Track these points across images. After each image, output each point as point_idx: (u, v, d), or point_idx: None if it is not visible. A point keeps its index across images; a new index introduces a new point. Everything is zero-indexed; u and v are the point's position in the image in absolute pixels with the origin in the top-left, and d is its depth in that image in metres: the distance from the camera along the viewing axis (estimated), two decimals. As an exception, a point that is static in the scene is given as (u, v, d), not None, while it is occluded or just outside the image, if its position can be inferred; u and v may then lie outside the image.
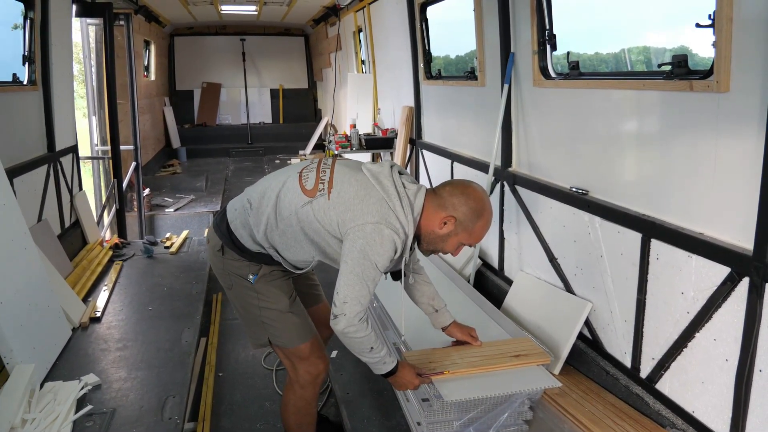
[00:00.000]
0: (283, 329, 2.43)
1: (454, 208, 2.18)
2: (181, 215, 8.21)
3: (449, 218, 2.18)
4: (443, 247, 2.26)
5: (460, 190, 2.21)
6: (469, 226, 2.19)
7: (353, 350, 2.22)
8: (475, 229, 2.21)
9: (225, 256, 2.40)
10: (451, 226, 2.19)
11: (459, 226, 2.19)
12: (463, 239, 2.23)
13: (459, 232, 2.21)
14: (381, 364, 2.27)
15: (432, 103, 5.84)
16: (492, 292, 4.28)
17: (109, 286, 4.62)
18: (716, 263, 2.37)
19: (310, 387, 2.52)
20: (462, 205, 2.17)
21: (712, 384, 2.42)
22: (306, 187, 2.22)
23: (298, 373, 2.50)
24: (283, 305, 2.42)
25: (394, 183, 2.16)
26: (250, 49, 13.86)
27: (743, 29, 2.18)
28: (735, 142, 2.30)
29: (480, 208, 2.19)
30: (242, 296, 2.44)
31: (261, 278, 2.38)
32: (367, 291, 2.10)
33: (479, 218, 2.19)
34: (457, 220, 2.18)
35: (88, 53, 7.63)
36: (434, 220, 2.20)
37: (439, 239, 2.23)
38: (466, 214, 2.18)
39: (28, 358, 3.06)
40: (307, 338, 2.47)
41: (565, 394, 3.04)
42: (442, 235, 2.22)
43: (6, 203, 3.47)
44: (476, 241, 2.27)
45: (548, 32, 3.55)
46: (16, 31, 4.73)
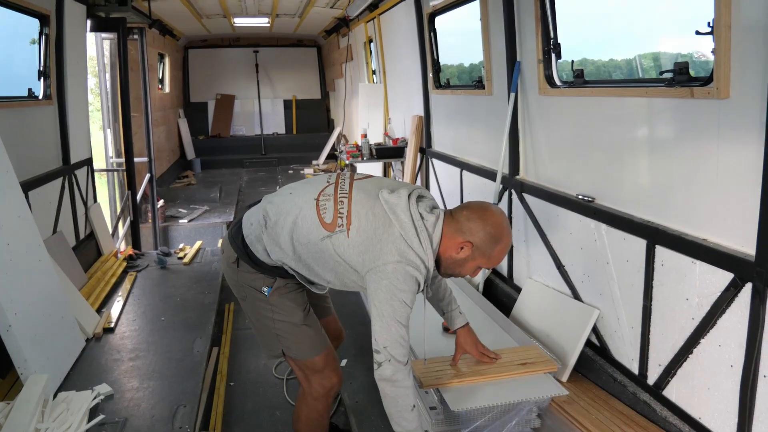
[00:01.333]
0: (297, 342, 2.43)
1: (471, 234, 2.14)
2: (194, 226, 8.28)
3: (466, 243, 2.15)
4: (461, 271, 2.24)
5: (478, 215, 2.17)
6: (486, 251, 2.16)
7: (395, 407, 2.16)
8: (493, 254, 2.17)
9: (240, 268, 2.40)
10: (468, 251, 2.16)
11: (476, 251, 2.16)
12: (480, 263, 2.20)
13: (476, 257, 2.18)
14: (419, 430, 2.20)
15: (441, 112, 5.88)
16: (501, 300, 4.28)
17: (123, 296, 4.68)
18: (720, 269, 2.37)
19: (323, 399, 2.52)
20: (479, 231, 2.14)
21: (718, 390, 2.42)
22: (325, 221, 2.18)
23: (312, 385, 2.49)
24: (298, 318, 2.41)
25: (411, 217, 2.12)
26: (263, 60, 14.00)
27: (742, 36, 2.19)
28: (736, 147, 2.31)
29: (498, 233, 2.16)
30: (256, 308, 2.44)
31: (275, 291, 2.38)
32: (404, 330, 2.09)
33: (497, 243, 2.16)
34: (474, 246, 2.15)
35: (103, 67, 7.76)
36: (451, 245, 2.16)
37: (457, 264, 2.21)
38: (484, 239, 2.14)
39: (41, 368, 3.11)
40: (321, 351, 2.46)
41: (572, 401, 3.04)
42: (460, 260, 2.19)
43: (21, 216, 3.55)
44: (494, 264, 2.24)
45: (553, 41, 3.57)
46: (30, 46, 4.83)
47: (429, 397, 2.76)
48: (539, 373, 2.83)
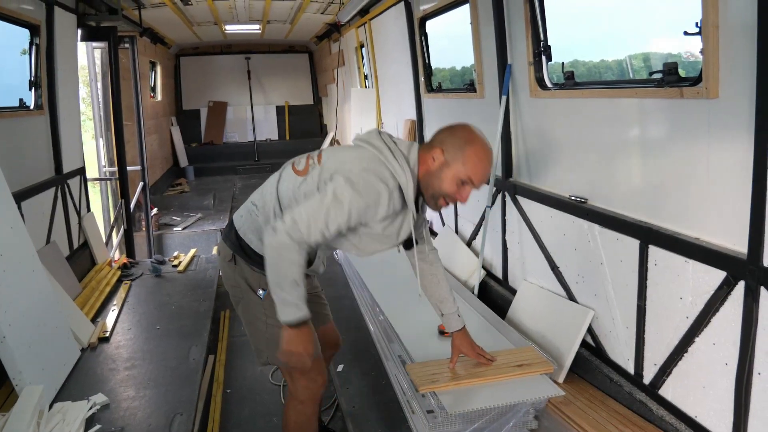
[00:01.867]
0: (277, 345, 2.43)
1: (441, 142, 2.15)
2: (188, 234, 8.27)
3: (437, 150, 2.13)
4: (442, 185, 2.14)
5: (446, 128, 2.20)
6: (459, 154, 2.10)
7: (276, 273, 2.08)
8: (466, 156, 2.10)
9: (237, 265, 2.40)
10: (441, 157, 2.12)
11: (448, 155, 2.11)
12: (458, 172, 2.11)
13: (451, 163, 2.11)
14: (285, 306, 2.12)
15: (433, 115, 5.89)
16: (497, 302, 4.29)
17: (118, 305, 4.66)
18: (712, 268, 2.39)
19: (309, 402, 2.52)
20: (448, 137, 2.15)
21: (713, 388, 2.43)
22: (298, 168, 2.25)
23: (297, 388, 2.49)
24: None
25: (384, 142, 2.15)
26: (255, 67, 13.99)
27: (730, 36, 2.21)
28: (726, 147, 2.33)
29: (468, 137, 2.14)
30: (250, 311, 2.44)
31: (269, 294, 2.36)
32: (322, 224, 2.03)
33: (469, 144, 2.12)
34: (445, 150, 2.12)
35: (95, 76, 7.75)
36: (427, 161, 2.15)
37: (435, 178, 2.14)
38: (453, 143, 2.12)
39: (37, 379, 3.09)
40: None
41: (569, 402, 3.05)
42: (435, 170, 2.13)
43: (14, 226, 3.53)
44: (475, 173, 2.12)
45: (543, 43, 3.59)
46: (21, 56, 4.82)
47: (426, 400, 2.76)
48: (535, 375, 2.83)
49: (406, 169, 2.12)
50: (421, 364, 2.91)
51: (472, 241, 4.94)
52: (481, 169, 2.13)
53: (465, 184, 2.13)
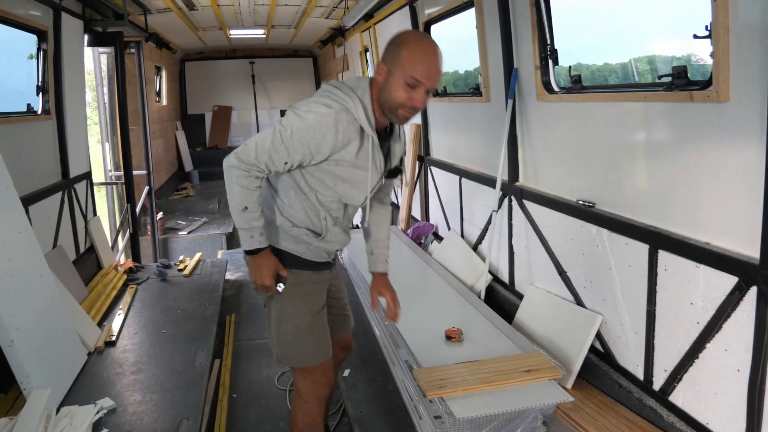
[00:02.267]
0: (296, 348, 2.41)
1: (382, 57, 2.18)
2: (194, 238, 8.29)
3: (380, 65, 2.15)
4: (392, 96, 2.12)
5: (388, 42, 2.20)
6: (396, 60, 2.09)
7: (230, 200, 2.18)
8: (403, 58, 2.08)
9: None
10: (383, 67, 2.13)
11: (389, 64, 2.12)
12: (401, 76, 2.08)
13: (393, 71, 2.10)
14: (248, 236, 2.20)
15: (439, 120, 5.89)
16: (503, 307, 4.27)
17: (124, 309, 4.66)
18: (724, 273, 2.37)
19: (314, 403, 2.50)
20: (387, 48, 2.16)
21: (725, 395, 2.41)
22: None
23: (303, 388, 2.49)
24: (305, 323, 2.39)
25: (331, 84, 2.20)
26: (259, 71, 14.03)
27: (740, 39, 2.20)
28: (737, 151, 2.31)
29: (402, 39, 2.14)
30: (270, 310, 2.43)
31: (290, 290, 2.35)
32: (270, 147, 2.09)
33: (404, 47, 2.10)
34: (387, 61, 2.13)
35: (101, 81, 7.78)
36: (377, 80, 2.17)
37: (386, 91, 2.13)
38: (390, 50, 2.14)
39: (44, 383, 3.09)
40: (320, 360, 2.45)
41: (578, 408, 3.03)
42: (384, 84, 2.14)
43: (22, 231, 3.53)
44: (416, 70, 2.07)
45: (549, 47, 3.59)
46: (28, 61, 4.84)
47: (434, 405, 2.75)
48: (544, 380, 2.83)
49: (352, 95, 2.14)
50: (428, 369, 2.90)
51: (478, 246, 4.92)
52: (420, 64, 2.09)
53: (414, 87, 2.09)
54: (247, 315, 5.08)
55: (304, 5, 8.00)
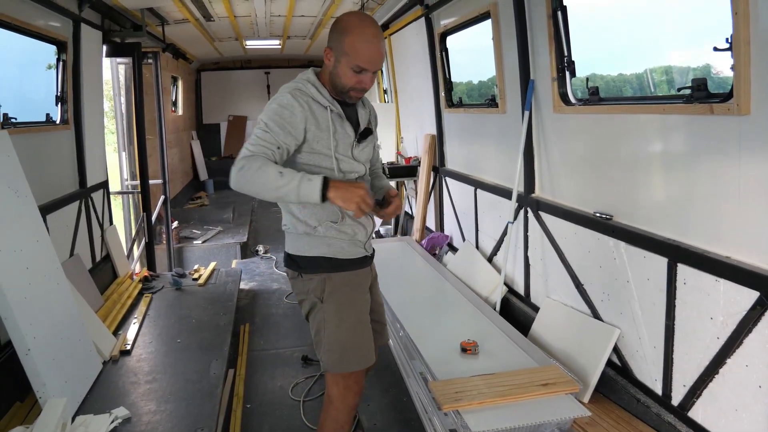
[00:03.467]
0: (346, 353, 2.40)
1: (328, 41, 2.27)
2: (208, 247, 8.32)
3: (326, 50, 2.27)
4: (341, 81, 2.27)
5: (331, 27, 2.28)
6: (341, 46, 2.22)
7: (266, 188, 2.10)
8: (347, 44, 2.20)
9: (303, 279, 2.42)
10: (330, 55, 2.26)
11: (335, 51, 2.24)
12: (348, 63, 2.22)
13: (339, 58, 2.23)
14: (306, 182, 2.08)
15: (454, 130, 5.88)
16: (519, 319, 4.24)
17: (139, 318, 4.68)
18: (745, 287, 2.34)
19: (344, 410, 2.49)
20: (331, 34, 2.26)
21: (746, 411, 2.37)
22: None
23: (335, 394, 2.48)
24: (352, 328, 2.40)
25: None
26: (274, 81, 14.11)
27: (762, 51, 2.17)
28: (758, 164, 2.28)
29: (344, 25, 2.24)
30: (315, 320, 2.44)
31: (331, 296, 2.38)
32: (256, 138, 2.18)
33: (346, 34, 2.21)
34: (332, 48, 2.25)
35: (118, 91, 7.86)
36: (324, 63, 2.32)
37: (335, 76, 2.28)
38: (334, 38, 2.24)
39: (60, 391, 3.11)
40: (365, 365, 2.45)
41: (595, 423, 3.00)
42: (332, 70, 2.28)
43: (40, 240, 3.57)
44: (361, 59, 2.20)
45: (567, 59, 3.57)
46: (46, 71, 4.90)
47: (449, 418, 2.73)
48: (560, 394, 2.80)
49: (298, 81, 2.30)
50: (444, 382, 2.89)
51: (493, 257, 4.90)
52: (364, 53, 2.21)
53: (361, 72, 2.24)
54: (261, 325, 5.09)
55: (320, 16, 8.05)
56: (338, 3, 7.01)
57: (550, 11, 3.56)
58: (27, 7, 4.09)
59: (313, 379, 3.93)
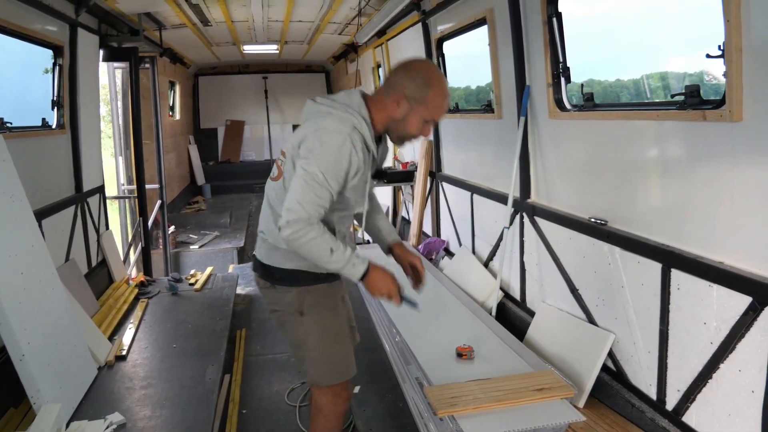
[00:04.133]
0: (323, 365, 2.42)
1: (401, 86, 2.15)
2: (205, 252, 8.32)
3: (399, 96, 2.15)
4: (408, 129, 2.21)
5: (402, 67, 2.20)
6: (421, 97, 2.14)
7: (315, 259, 2.14)
8: (428, 98, 2.14)
9: (276, 290, 2.42)
10: (405, 104, 2.16)
11: (412, 101, 2.15)
12: (422, 114, 2.17)
13: (415, 108, 2.16)
14: (351, 266, 2.16)
15: (451, 136, 5.90)
16: (514, 324, 4.24)
17: (135, 323, 4.68)
18: (737, 293, 2.35)
19: (334, 417, 2.51)
20: (407, 81, 2.15)
21: (739, 416, 2.38)
22: (273, 176, 2.34)
23: (323, 403, 2.48)
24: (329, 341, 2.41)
25: (320, 103, 2.22)
26: (272, 86, 14.13)
27: (754, 58, 2.19)
28: (752, 170, 2.30)
29: (427, 77, 2.15)
30: (293, 333, 2.44)
31: (310, 310, 2.38)
32: (313, 195, 2.07)
33: (430, 87, 2.14)
34: (408, 97, 2.14)
35: (115, 95, 7.86)
36: (387, 106, 2.18)
37: (401, 123, 2.20)
38: (415, 87, 2.14)
39: (54, 397, 3.10)
40: (350, 375, 2.46)
41: (590, 427, 3.00)
42: (400, 117, 2.18)
43: (35, 245, 3.56)
44: (437, 113, 2.19)
45: (562, 65, 3.59)
46: (43, 75, 4.90)
47: (444, 423, 2.73)
48: (555, 399, 2.80)
49: (355, 113, 2.15)
50: (439, 387, 2.88)
51: (489, 262, 4.90)
52: (442, 108, 2.20)
53: (428, 123, 2.21)
54: (257, 330, 5.08)
55: (318, 22, 8.07)
56: (335, 9, 7.03)
57: (546, 18, 3.57)
58: (23, 11, 4.09)
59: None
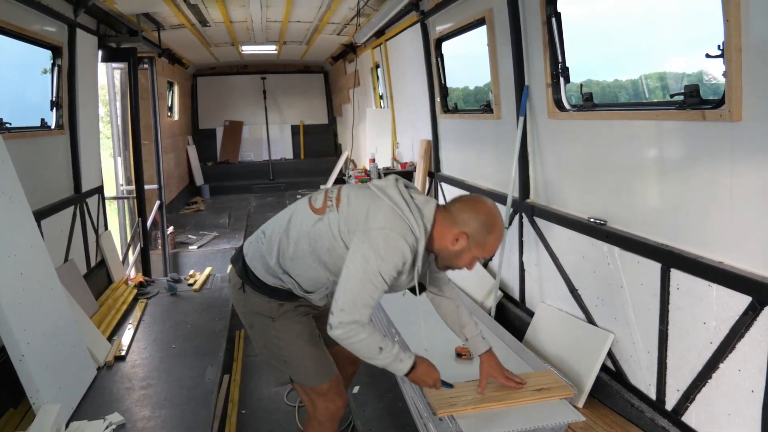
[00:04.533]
0: (303, 368, 2.43)
1: (465, 224, 2.17)
2: (204, 252, 8.30)
3: (461, 235, 2.17)
4: (457, 263, 2.25)
5: (470, 206, 2.21)
6: (481, 240, 2.18)
7: (363, 356, 2.17)
8: (487, 242, 2.19)
9: (246, 293, 2.42)
10: (464, 242, 2.18)
11: (471, 241, 2.18)
12: (476, 254, 2.22)
13: (472, 248, 2.19)
14: (398, 362, 2.21)
15: (449, 136, 5.90)
16: (514, 324, 4.25)
17: (134, 324, 4.67)
18: (737, 292, 2.35)
19: (329, 423, 2.51)
20: (473, 221, 2.17)
21: (739, 416, 2.38)
22: (315, 206, 2.28)
23: (317, 409, 2.49)
24: (303, 344, 2.42)
25: (400, 193, 2.18)
26: (270, 86, 14.12)
27: (753, 58, 2.19)
28: (751, 170, 2.30)
29: (491, 222, 2.19)
30: (264, 335, 2.45)
31: (281, 316, 2.39)
32: (367, 299, 2.09)
33: (491, 232, 2.19)
34: (469, 236, 2.17)
35: (114, 96, 7.85)
36: (446, 236, 2.19)
37: (453, 255, 2.22)
38: (477, 229, 2.17)
39: (54, 398, 3.10)
40: (327, 377, 2.46)
41: (589, 427, 3.00)
42: (455, 251, 2.20)
43: (34, 245, 3.56)
44: (489, 254, 2.25)
45: (561, 65, 3.59)
46: (42, 76, 4.89)
47: (444, 424, 2.72)
48: (555, 399, 2.79)
49: (420, 224, 2.15)
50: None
51: (488, 262, 4.90)
52: (495, 251, 2.27)
53: (476, 259, 2.26)
54: (256, 330, 5.07)
55: (316, 22, 8.07)
56: (334, 9, 7.03)
57: (545, 18, 3.57)
58: (22, 12, 4.09)
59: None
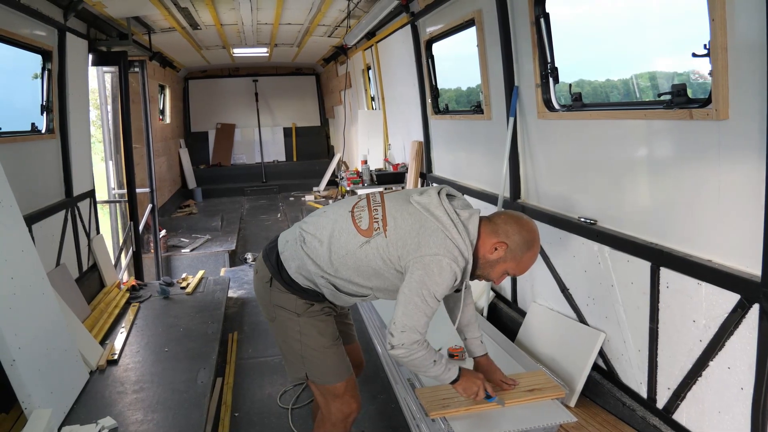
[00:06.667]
0: (322, 366, 2.44)
1: (506, 235, 2.20)
2: (196, 255, 8.28)
3: (501, 244, 2.20)
4: (490, 273, 2.27)
5: (515, 220, 2.24)
6: (518, 255, 2.21)
7: (418, 369, 2.28)
8: (523, 259, 2.23)
9: (272, 288, 2.43)
10: (502, 253, 2.21)
11: (509, 253, 2.20)
12: (509, 268, 2.25)
13: (508, 260, 2.22)
14: (447, 372, 2.33)
15: (441, 137, 5.91)
16: (506, 324, 4.26)
17: (126, 327, 4.66)
18: (726, 290, 2.36)
19: (341, 425, 2.51)
20: (515, 234, 2.20)
21: (729, 413, 2.39)
22: (361, 228, 2.26)
23: (331, 410, 2.49)
24: (325, 342, 2.43)
25: (446, 212, 2.18)
26: (262, 89, 14.13)
27: (739, 57, 2.21)
28: (737, 168, 2.32)
29: (532, 239, 2.22)
30: (285, 330, 2.45)
31: (305, 314, 2.41)
32: (425, 320, 2.15)
33: (529, 249, 2.22)
34: (509, 248, 2.20)
35: (105, 99, 7.82)
36: (487, 244, 2.22)
37: (489, 265, 2.25)
38: (518, 243, 2.20)
39: (45, 402, 3.09)
40: (344, 377, 2.47)
41: (581, 427, 3.01)
42: (492, 260, 2.23)
43: (25, 249, 3.55)
44: (521, 272, 2.29)
45: (550, 65, 3.60)
46: (32, 80, 4.88)
47: (436, 425, 2.73)
48: (547, 399, 2.80)
49: (468, 243, 2.17)
50: (431, 389, 2.88)
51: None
52: (528, 269, 2.30)
53: (506, 274, 2.29)
54: (249, 333, 5.07)
55: (307, 24, 8.08)
56: (324, 11, 7.04)
57: (533, 18, 3.59)
58: (11, 16, 4.08)
59: (301, 386, 3.92)
